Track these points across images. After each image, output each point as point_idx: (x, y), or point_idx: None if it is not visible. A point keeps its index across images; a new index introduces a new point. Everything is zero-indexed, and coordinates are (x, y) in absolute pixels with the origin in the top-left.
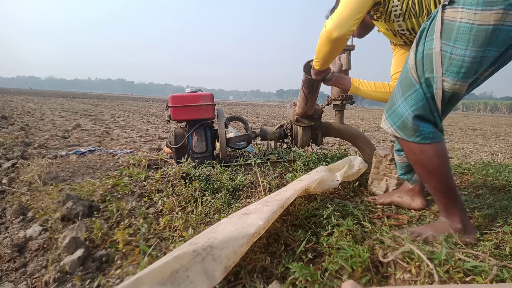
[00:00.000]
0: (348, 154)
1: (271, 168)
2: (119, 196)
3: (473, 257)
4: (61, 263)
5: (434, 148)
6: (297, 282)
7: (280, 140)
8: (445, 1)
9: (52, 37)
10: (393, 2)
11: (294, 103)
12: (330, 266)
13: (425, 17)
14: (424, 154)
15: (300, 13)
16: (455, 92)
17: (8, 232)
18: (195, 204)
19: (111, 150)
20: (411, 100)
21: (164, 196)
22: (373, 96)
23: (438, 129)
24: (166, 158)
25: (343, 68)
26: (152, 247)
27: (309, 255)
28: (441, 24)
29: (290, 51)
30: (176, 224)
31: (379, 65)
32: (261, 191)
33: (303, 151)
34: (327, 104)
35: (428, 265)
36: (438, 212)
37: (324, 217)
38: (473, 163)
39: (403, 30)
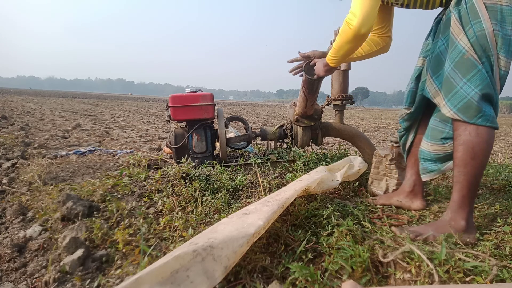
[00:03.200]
0: (348, 154)
1: (271, 168)
2: (119, 196)
3: (473, 257)
4: (61, 263)
5: (489, 133)
6: (297, 282)
7: (280, 140)
8: None
9: (52, 37)
10: None
11: (294, 103)
12: (330, 266)
13: None
14: (479, 137)
15: (300, 13)
16: (506, 70)
17: (8, 232)
18: (195, 204)
19: (111, 150)
20: (476, 80)
21: (164, 196)
22: (360, 55)
23: (496, 112)
24: (166, 158)
25: (342, 69)
26: (152, 247)
27: (309, 255)
28: (485, 7)
29: (290, 51)
30: (176, 224)
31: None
32: (261, 191)
33: (303, 151)
34: (327, 104)
35: (428, 265)
36: (438, 212)
37: (324, 217)
38: None
39: (397, 2)
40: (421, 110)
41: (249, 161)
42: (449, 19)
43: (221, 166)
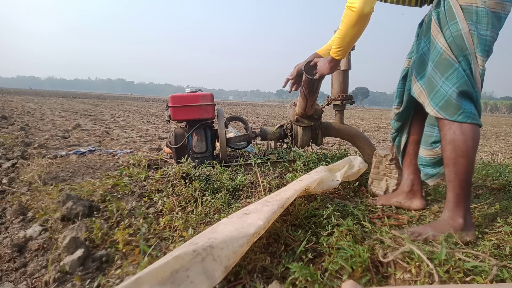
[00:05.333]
0: (348, 154)
1: (271, 168)
2: (119, 196)
3: (473, 257)
4: (61, 263)
5: (473, 130)
6: (297, 282)
7: (280, 140)
8: None
9: (52, 37)
10: None
11: (294, 103)
12: (330, 266)
13: None
14: (463, 135)
15: (301, 13)
16: (484, 68)
17: (8, 232)
18: (195, 204)
19: (111, 150)
20: (453, 78)
21: (164, 196)
22: (349, 34)
23: (478, 110)
24: (166, 158)
25: (342, 68)
26: (152, 247)
27: (309, 255)
28: (461, 9)
29: (291, 50)
30: (176, 224)
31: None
32: (261, 191)
33: (303, 151)
34: (327, 104)
35: (428, 265)
36: (438, 212)
37: (324, 217)
38: None
39: None
40: (411, 110)
41: (249, 161)
42: (430, 21)
43: (221, 166)
